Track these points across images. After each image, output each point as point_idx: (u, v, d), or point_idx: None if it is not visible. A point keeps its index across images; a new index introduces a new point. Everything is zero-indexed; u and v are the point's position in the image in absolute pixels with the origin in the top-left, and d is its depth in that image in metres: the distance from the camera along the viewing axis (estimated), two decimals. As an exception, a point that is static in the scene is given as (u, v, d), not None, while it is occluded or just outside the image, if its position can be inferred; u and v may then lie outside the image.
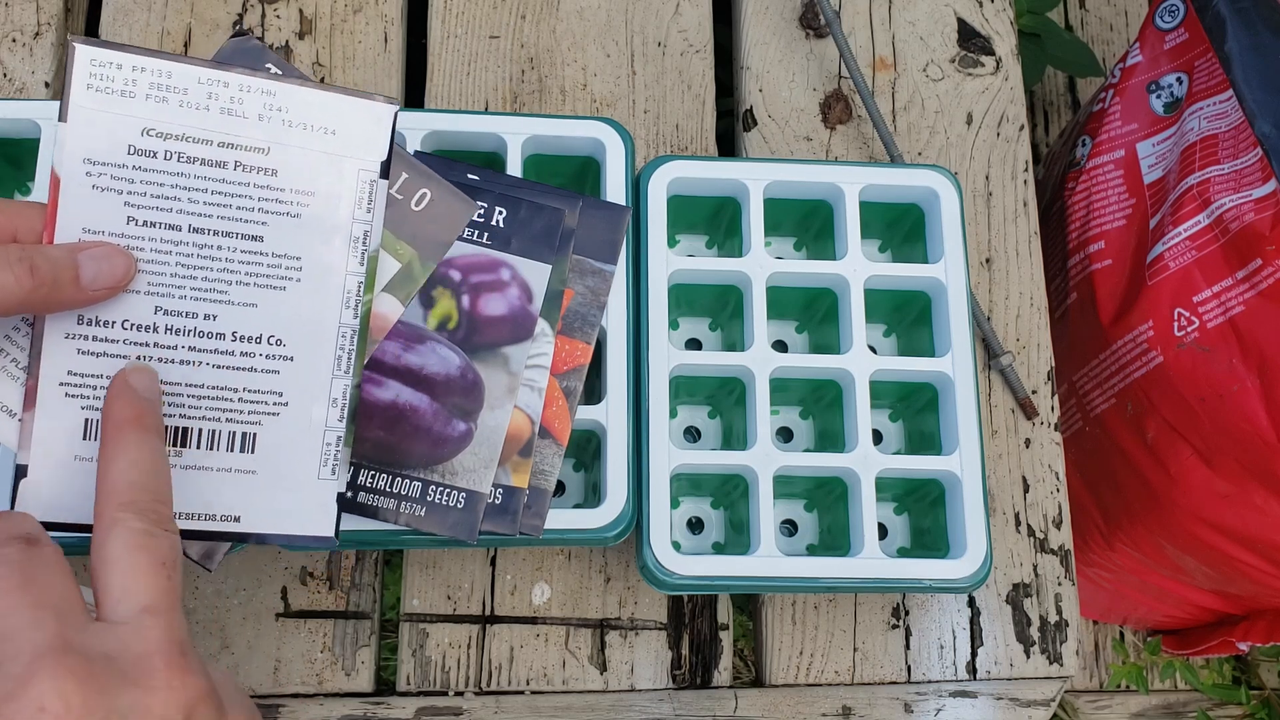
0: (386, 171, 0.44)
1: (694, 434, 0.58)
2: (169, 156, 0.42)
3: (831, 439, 0.56)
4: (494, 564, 0.56)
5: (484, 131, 0.55)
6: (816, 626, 0.57)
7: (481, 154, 0.56)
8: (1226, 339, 0.65)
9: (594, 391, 0.53)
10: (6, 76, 0.61)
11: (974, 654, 0.58)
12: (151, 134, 0.42)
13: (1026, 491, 0.60)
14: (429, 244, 0.49)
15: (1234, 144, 0.65)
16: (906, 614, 0.58)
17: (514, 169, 0.54)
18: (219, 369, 0.42)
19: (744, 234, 0.56)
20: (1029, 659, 0.58)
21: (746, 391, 0.54)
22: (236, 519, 0.42)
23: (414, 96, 0.65)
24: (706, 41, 0.66)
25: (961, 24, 0.68)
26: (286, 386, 0.43)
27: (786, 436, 0.59)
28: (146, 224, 0.41)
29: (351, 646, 0.55)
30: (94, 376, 0.41)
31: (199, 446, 0.42)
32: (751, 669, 0.60)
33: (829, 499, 0.56)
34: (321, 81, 0.62)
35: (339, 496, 0.44)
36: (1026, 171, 0.65)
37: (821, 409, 0.58)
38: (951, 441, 0.53)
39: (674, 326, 0.59)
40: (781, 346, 0.60)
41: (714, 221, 0.59)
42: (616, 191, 0.54)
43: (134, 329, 0.41)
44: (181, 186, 0.42)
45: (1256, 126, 0.62)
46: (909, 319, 0.58)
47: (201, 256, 0.42)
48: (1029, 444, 0.61)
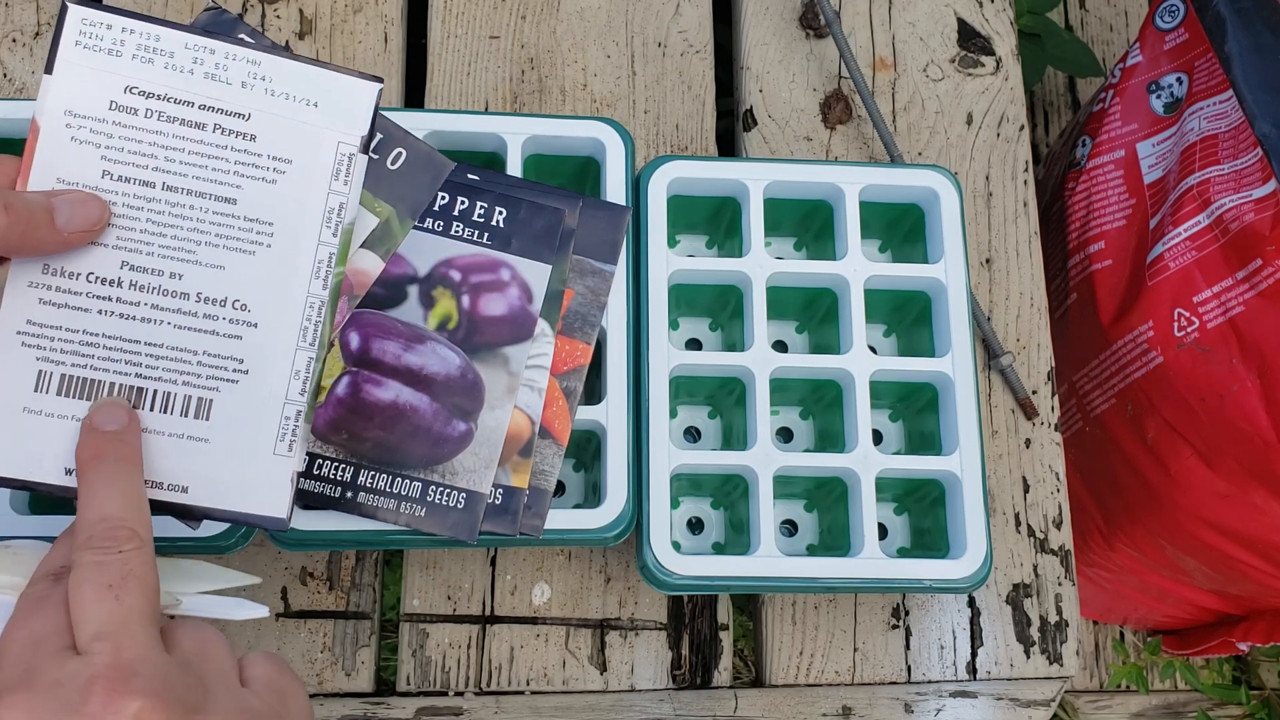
0: (367, 147, 0.44)
1: (694, 434, 0.58)
2: (149, 114, 0.42)
3: (831, 439, 0.56)
4: (494, 564, 0.56)
5: (484, 131, 0.55)
6: (816, 626, 0.57)
7: (481, 154, 0.56)
8: (1226, 339, 0.65)
9: (594, 391, 0.53)
10: (6, 76, 0.61)
11: (974, 654, 0.58)
12: (134, 92, 0.42)
13: (1026, 492, 0.60)
14: (407, 201, 0.49)
15: (1234, 144, 0.65)
16: (906, 614, 0.58)
17: (514, 169, 0.54)
18: (180, 329, 0.42)
19: (744, 234, 0.56)
20: (1029, 659, 0.58)
21: (746, 391, 0.54)
22: (184, 489, 0.41)
23: (414, 96, 0.65)
24: (706, 42, 0.66)
25: (961, 24, 0.68)
26: (248, 354, 0.43)
27: (786, 436, 0.59)
28: (121, 179, 0.41)
29: (351, 646, 0.55)
30: (52, 328, 0.40)
31: (152, 409, 0.41)
32: (751, 669, 0.60)
33: (829, 499, 0.56)
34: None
35: (296, 477, 0.43)
36: (1026, 171, 0.65)
37: (821, 409, 0.58)
38: (951, 441, 0.53)
39: (674, 326, 0.59)
40: (781, 346, 0.60)
41: (714, 221, 0.59)
42: (616, 191, 0.54)
43: (98, 282, 0.41)
44: (159, 145, 0.42)
45: (1256, 126, 0.62)
46: (909, 319, 0.58)
47: (173, 215, 0.42)
48: (1029, 444, 0.61)
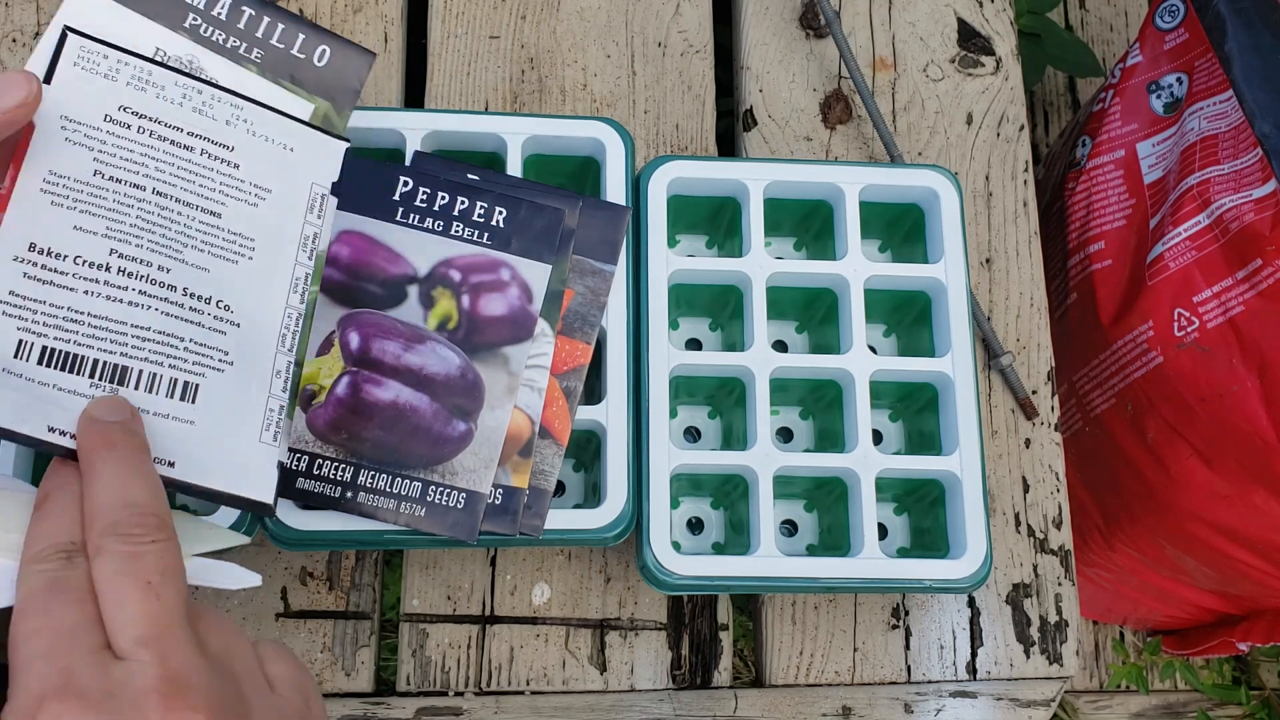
0: (337, 191, 0.48)
1: (694, 434, 0.58)
2: (141, 131, 0.44)
3: (831, 439, 0.56)
4: (494, 564, 0.56)
5: (484, 131, 0.55)
6: (816, 626, 0.57)
7: (481, 154, 0.56)
8: (1226, 339, 0.65)
9: (594, 391, 0.53)
10: (6, 76, 0.61)
11: (974, 654, 0.58)
12: (127, 111, 0.44)
13: (1026, 491, 0.60)
14: (340, 93, 0.50)
15: (1234, 144, 0.65)
16: (906, 614, 0.58)
17: (514, 169, 0.54)
18: (167, 316, 0.42)
19: (744, 234, 0.56)
20: (1029, 659, 0.58)
21: (746, 391, 0.54)
22: (171, 464, 0.41)
23: (414, 96, 0.65)
24: (706, 42, 0.66)
25: (961, 24, 0.68)
26: (232, 348, 0.43)
27: (786, 436, 0.59)
28: (112, 179, 0.42)
29: (351, 646, 0.55)
30: (36, 302, 0.40)
31: (137, 388, 0.41)
32: (751, 669, 0.60)
33: (829, 499, 0.56)
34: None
35: (281, 466, 0.44)
36: (1026, 171, 0.65)
37: (821, 409, 0.58)
38: (951, 441, 0.53)
39: (674, 326, 0.59)
40: (781, 346, 0.60)
41: (714, 221, 0.59)
42: (616, 191, 0.54)
43: (86, 265, 0.41)
44: (150, 156, 0.44)
45: (1256, 126, 0.62)
46: (909, 319, 0.58)
47: (162, 216, 0.43)
48: (1029, 444, 0.61)
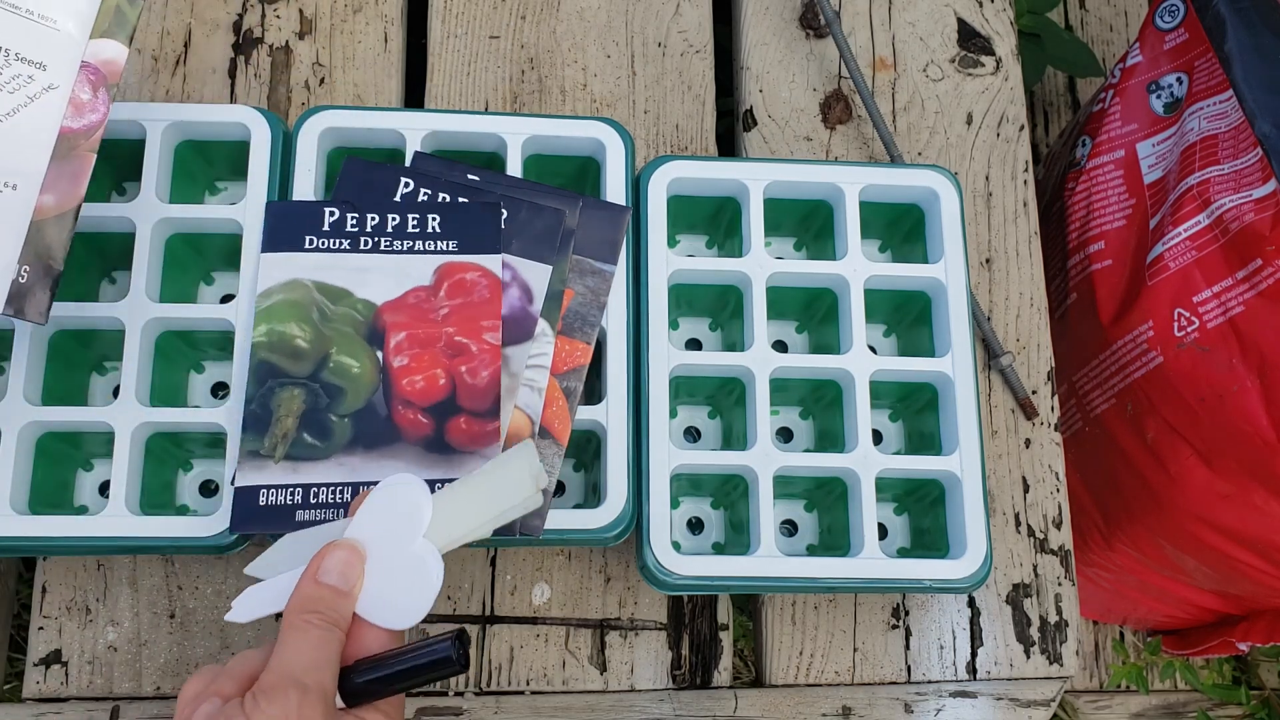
0: None
1: (694, 434, 0.58)
2: None
3: (831, 439, 0.56)
4: (494, 564, 0.56)
5: (484, 132, 0.55)
6: (816, 626, 0.57)
7: (481, 154, 0.56)
8: (1226, 339, 0.65)
9: (594, 391, 0.53)
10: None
11: (974, 654, 0.58)
12: None
13: (1026, 492, 0.60)
14: None
15: (1234, 144, 0.65)
16: (906, 614, 0.58)
17: (514, 169, 0.54)
18: None
19: (744, 234, 0.56)
20: (1029, 659, 0.58)
21: (746, 391, 0.54)
22: None
23: (414, 96, 0.65)
24: (706, 42, 0.66)
25: (961, 24, 0.68)
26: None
27: (786, 436, 0.59)
28: None
29: (351, 646, 0.55)
30: None
31: None
32: (751, 669, 0.60)
33: (829, 499, 0.56)
34: (321, 83, 0.62)
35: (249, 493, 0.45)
36: (1026, 171, 0.65)
37: (821, 409, 0.58)
38: (951, 442, 0.53)
39: (674, 326, 0.59)
40: (781, 346, 0.60)
41: (714, 221, 0.59)
42: (616, 191, 0.54)
43: None
44: None
45: (1256, 126, 0.62)
46: (909, 319, 0.58)
47: None
48: (1029, 444, 0.61)
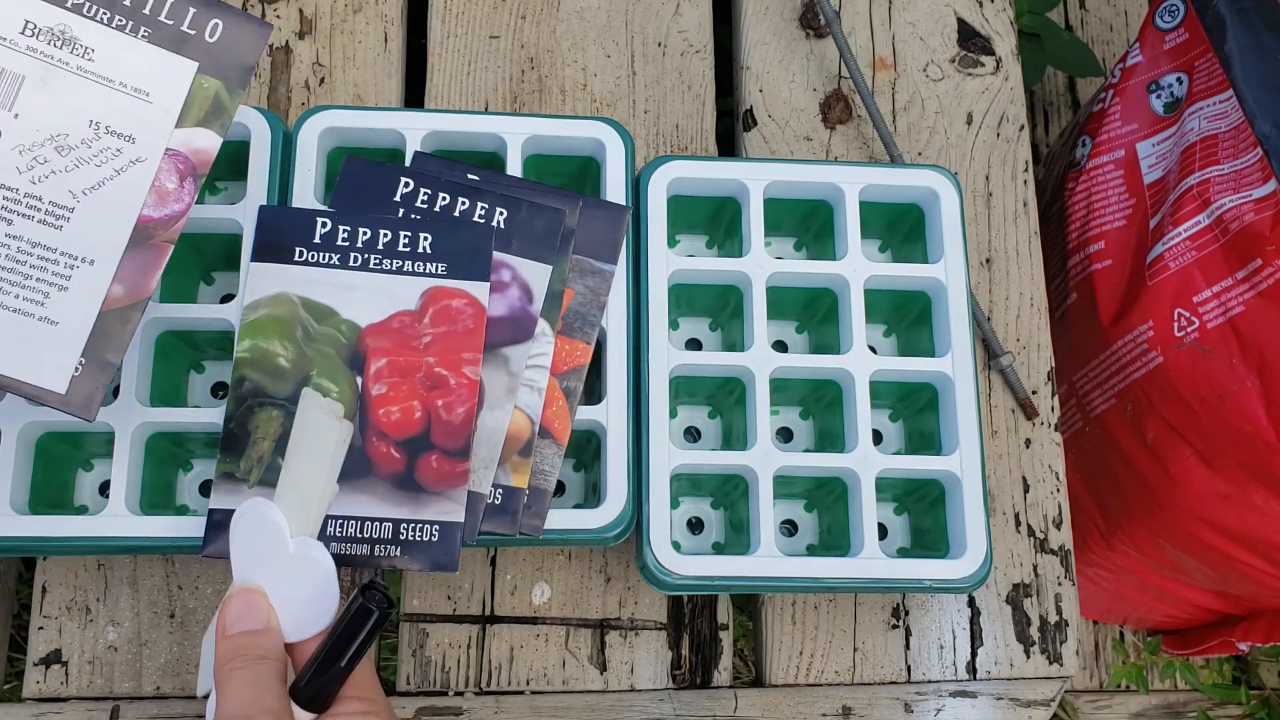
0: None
1: (694, 434, 0.58)
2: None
3: (831, 439, 0.56)
4: (494, 564, 0.56)
5: (484, 131, 0.55)
6: (816, 626, 0.57)
7: (481, 154, 0.56)
8: (1226, 339, 0.65)
9: (594, 391, 0.53)
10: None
11: (974, 654, 0.58)
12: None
13: (1026, 491, 0.60)
14: (232, 71, 0.47)
15: (1234, 144, 0.65)
16: (906, 614, 0.58)
17: (514, 169, 0.54)
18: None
19: (744, 234, 0.56)
20: (1029, 659, 0.58)
21: (746, 391, 0.54)
22: None
23: (414, 96, 0.65)
24: (706, 41, 0.66)
25: (961, 24, 0.68)
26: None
27: (786, 436, 0.59)
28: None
29: (351, 646, 0.55)
30: None
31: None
32: (751, 669, 0.60)
33: (829, 499, 0.56)
34: (321, 83, 0.62)
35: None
36: (1026, 171, 0.65)
37: (821, 409, 0.58)
38: (951, 441, 0.53)
39: (674, 326, 0.59)
40: (781, 346, 0.60)
41: (714, 221, 0.59)
42: (616, 191, 0.54)
43: None
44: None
45: (1256, 126, 0.62)
46: (909, 319, 0.58)
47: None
48: (1029, 444, 0.61)
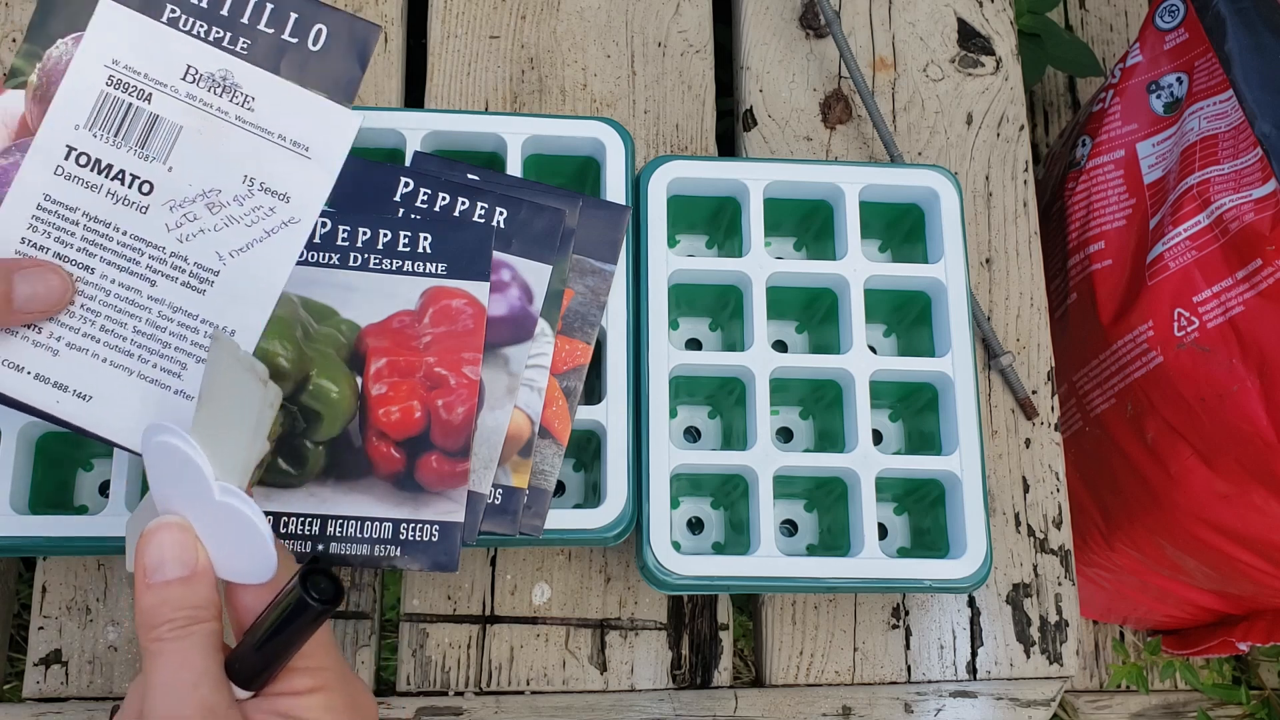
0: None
1: (694, 434, 0.58)
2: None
3: (831, 439, 0.56)
4: (494, 564, 0.56)
5: (484, 131, 0.55)
6: (816, 626, 0.57)
7: (481, 154, 0.56)
8: (1226, 339, 0.65)
9: (594, 391, 0.53)
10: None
11: (974, 654, 0.58)
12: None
13: (1026, 491, 0.60)
14: (338, 81, 0.43)
15: (1234, 144, 0.65)
16: (906, 614, 0.58)
17: (514, 169, 0.54)
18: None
19: (744, 234, 0.56)
20: (1029, 659, 0.58)
21: (746, 391, 0.54)
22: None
23: (414, 96, 0.65)
24: (706, 41, 0.66)
25: (961, 24, 0.68)
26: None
27: (786, 436, 0.59)
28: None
29: (351, 646, 0.55)
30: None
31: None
32: (751, 669, 0.60)
33: (829, 499, 0.56)
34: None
35: None
36: (1026, 171, 0.65)
37: (821, 409, 0.58)
38: (951, 441, 0.53)
39: (674, 326, 0.59)
40: (781, 346, 0.60)
41: (714, 221, 0.59)
42: (616, 191, 0.54)
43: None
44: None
45: (1256, 126, 0.62)
46: (909, 319, 0.58)
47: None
48: (1029, 444, 0.61)
